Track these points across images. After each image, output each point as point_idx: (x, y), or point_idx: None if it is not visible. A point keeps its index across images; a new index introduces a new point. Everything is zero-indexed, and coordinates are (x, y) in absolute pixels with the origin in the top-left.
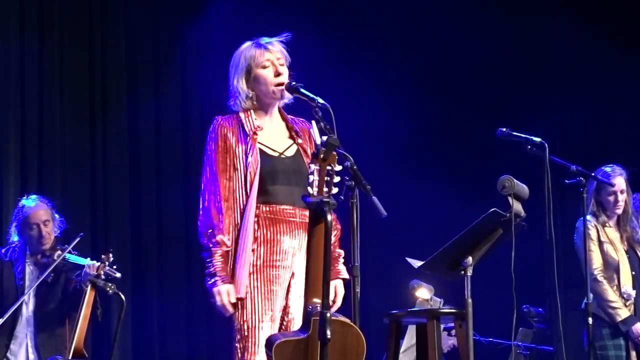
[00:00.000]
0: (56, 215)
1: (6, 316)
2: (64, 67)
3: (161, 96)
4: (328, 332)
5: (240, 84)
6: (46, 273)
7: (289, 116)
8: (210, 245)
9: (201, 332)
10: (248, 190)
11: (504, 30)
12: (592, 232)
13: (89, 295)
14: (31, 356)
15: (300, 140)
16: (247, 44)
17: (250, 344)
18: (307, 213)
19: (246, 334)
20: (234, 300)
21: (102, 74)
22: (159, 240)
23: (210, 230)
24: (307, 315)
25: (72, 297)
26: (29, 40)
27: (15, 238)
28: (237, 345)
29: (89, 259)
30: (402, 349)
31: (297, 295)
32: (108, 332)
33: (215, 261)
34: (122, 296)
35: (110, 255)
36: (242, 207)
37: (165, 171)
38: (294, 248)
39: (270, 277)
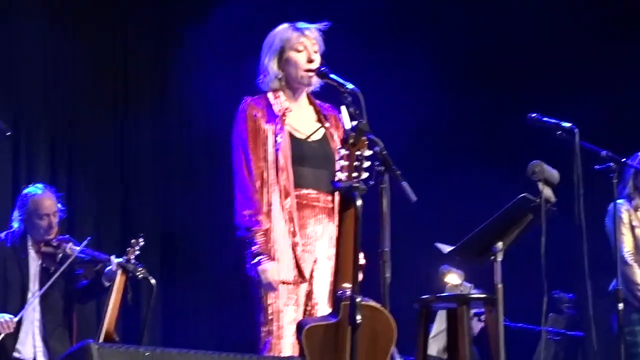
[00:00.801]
0: (59, 205)
1: (19, 315)
2: (94, 58)
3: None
4: (358, 317)
5: (272, 64)
6: (64, 267)
7: (316, 101)
8: (251, 225)
9: (230, 317)
10: (279, 172)
11: (535, 13)
12: (625, 216)
13: (119, 280)
14: (38, 344)
15: (327, 125)
16: (284, 25)
17: (275, 328)
18: (330, 198)
19: (271, 317)
20: (280, 279)
21: (130, 61)
22: (188, 225)
23: (249, 210)
24: (337, 300)
25: (83, 289)
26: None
27: (16, 225)
28: (263, 329)
29: (113, 256)
30: (431, 334)
31: (320, 280)
32: (138, 317)
33: (257, 240)
34: (153, 281)
35: (141, 240)
36: (274, 189)
37: (195, 158)
38: (317, 233)
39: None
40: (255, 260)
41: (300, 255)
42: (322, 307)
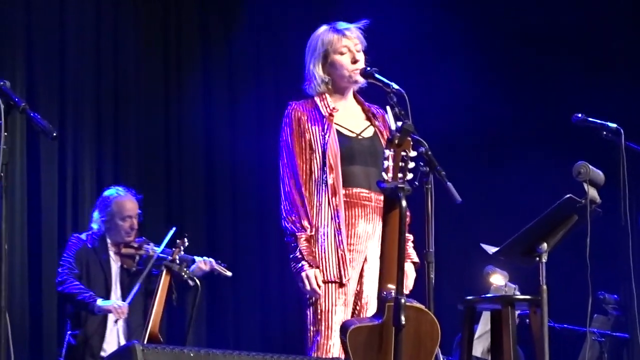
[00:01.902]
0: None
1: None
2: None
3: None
4: (402, 318)
5: (317, 69)
6: (148, 267)
7: (365, 102)
8: (295, 230)
9: (275, 319)
10: (327, 171)
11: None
12: None
13: (164, 280)
14: (122, 342)
15: (377, 122)
16: (324, 27)
17: (323, 328)
18: (381, 198)
19: (319, 317)
20: (323, 281)
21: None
22: (233, 227)
23: (294, 215)
24: (381, 301)
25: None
26: (105, 31)
27: (96, 226)
28: (311, 328)
29: (196, 257)
30: (476, 335)
31: (370, 279)
32: (183, 318)
33: (300, 245)
34: (198, 281)
35: (186, 240)
36: (321, 189)
37: (241, 156)
38: (368, 232)
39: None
40: (299, 265)
41: (347, 254)
42: (372, 308)
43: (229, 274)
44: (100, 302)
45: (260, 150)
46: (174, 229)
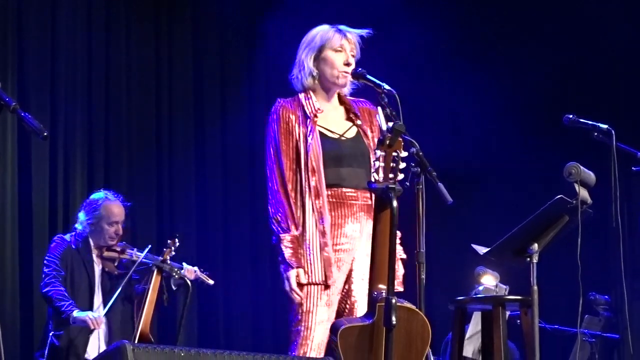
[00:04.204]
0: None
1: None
2: (130, 59)
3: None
4: (393, 319)
5: (308, 60)
6: (131, 271)
7: (349, 98)
8: (280, 231)
9: (266, 318)
10: (310, 173)
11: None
12: None
13: (154, 280)
14: (102, 346)
15: (359, 122)
16: (326, 25)
17: (303, 328)
18: (368, 195)
19: (300, 317)
20: (307, 282)
21: (169, 65)
22: (224, 226)
23: (279, 215)
24: (372, 301)
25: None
26: (96, 32)
27: (80, 227)
28: (292, 329)
29: (184, 263)
30: (467, 336)
31: (359, 278)
32: (174, 318)
33: (283, 247)
34: (188, 281)
35: (177, 240)
36: (305, 190)
37: (231, 161)
38: (355, 232)
39: (333, 261)
40: (282, 267)
41: (332, 255)
42: (362, 306)
43: (211, 282)
44: (76, 313)
45: (252, 150)
46: (149, 246)
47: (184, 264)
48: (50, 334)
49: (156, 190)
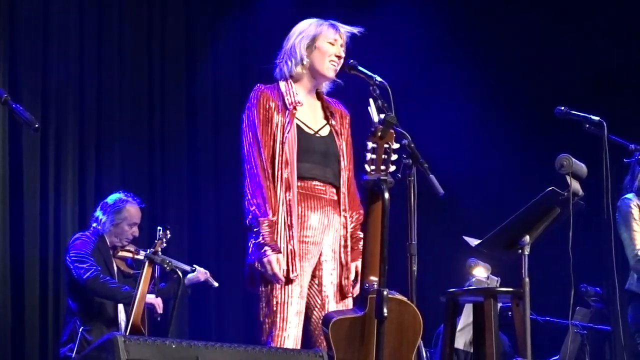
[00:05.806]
0: None
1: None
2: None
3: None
4: (385, 310)
5: (301, 46)
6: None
7: (325, 97)
8: (259, 214)
9: (257, 311)
10: (283, 165)
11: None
12: (635, 211)
13: (146, 272)
14: None
15: (333, 122)
16: (319, 20)
17: (279, 320)
18: (334, 191)
19: (275, 309)
20: (283, 267)
21: (160, 66)
22: (216, 219)
23: (258, 198)
24: (364, 293)
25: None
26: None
27: (99, 226)
28: (266, 320)
29: (195, 265)
30: (458, 328)
31: (328, 272)
32: (166, 310)
33: (263, 231)
34: (180, 273)
35: (168, 232)
36: (277, 180)
37: (224, 156)
38: (323, 225)
39: (300, 253)
40: (262, 250)
41: (298, 248)
42: (331, 301)
43: (216, 284)
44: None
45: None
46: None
47: (195, 266)
48: (80, 329)
49: (148, 182)
